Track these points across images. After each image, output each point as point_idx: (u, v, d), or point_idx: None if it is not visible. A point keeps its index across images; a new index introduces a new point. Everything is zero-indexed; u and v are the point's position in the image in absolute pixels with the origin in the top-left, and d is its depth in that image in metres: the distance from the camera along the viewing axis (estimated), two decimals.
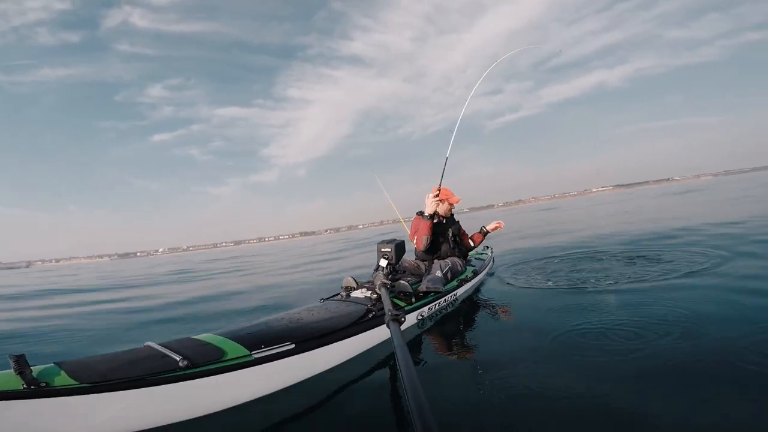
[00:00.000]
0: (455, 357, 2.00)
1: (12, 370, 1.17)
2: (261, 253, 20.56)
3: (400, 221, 4.61)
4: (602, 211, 14.42)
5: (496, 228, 3.58)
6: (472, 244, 3.53)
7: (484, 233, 3.57)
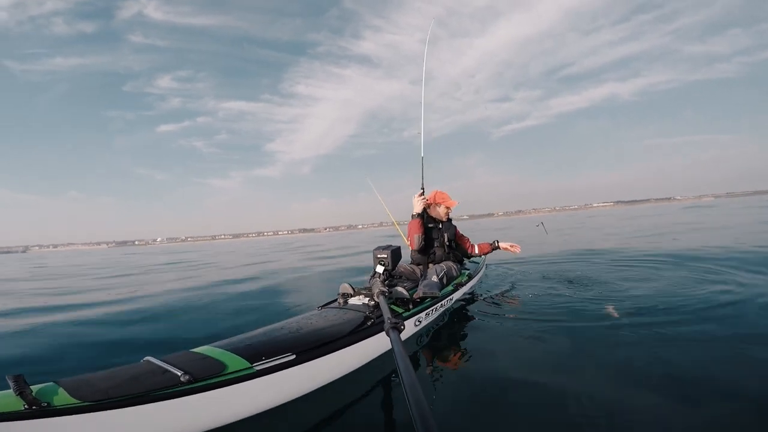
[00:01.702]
0: (455, 363, 2.00)
1: (11, 390, 1.14)
2: (231, 251, 19.46)
3: (394, 224, 4.61)
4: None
5: (510, 249, 3.38)
6: (476, 251, 3.44)
7: (494, 247, 3.41)
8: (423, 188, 3.23)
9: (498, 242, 3.43)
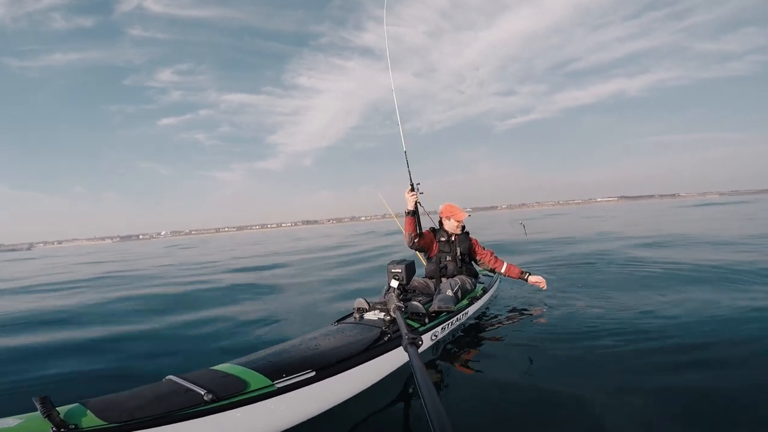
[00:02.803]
0: (472, 377, 2.03)
1: (39, 412, 1.16)
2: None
3: (395, 221, 4.57)
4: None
5: (536, 283, 3.20)
6: (503, 270, 3.22)
7: (523, 278, 3.19)
8: (411, 183, 3.06)
9: (529, 275, 3.19)
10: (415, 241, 3.04)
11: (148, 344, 3.01)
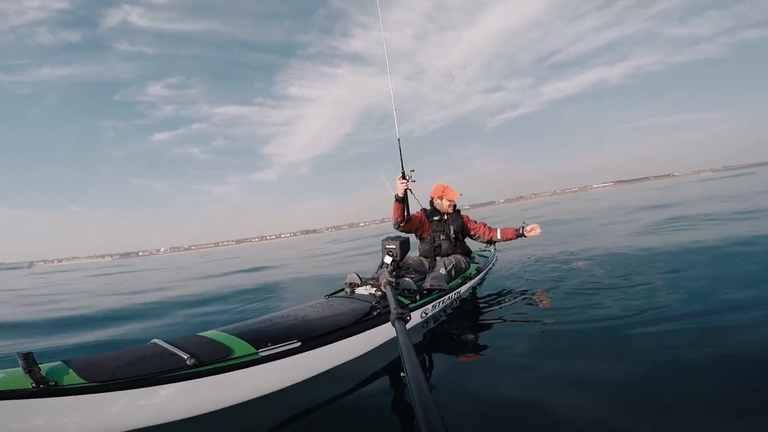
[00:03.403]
0: (460, 355, 2.00)
1: (20, 368, 1.17)
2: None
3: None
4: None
5: (532, 231, 3.18)
6: (498, 236, 3.27)
7: (520, 235, 3.22)
8: (403, 171, 3.04)
9: (524, 229, 3.18)
10: (401, 225, 3.05)
11: None
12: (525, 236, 3.24)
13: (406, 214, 3.08)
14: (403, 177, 3.05)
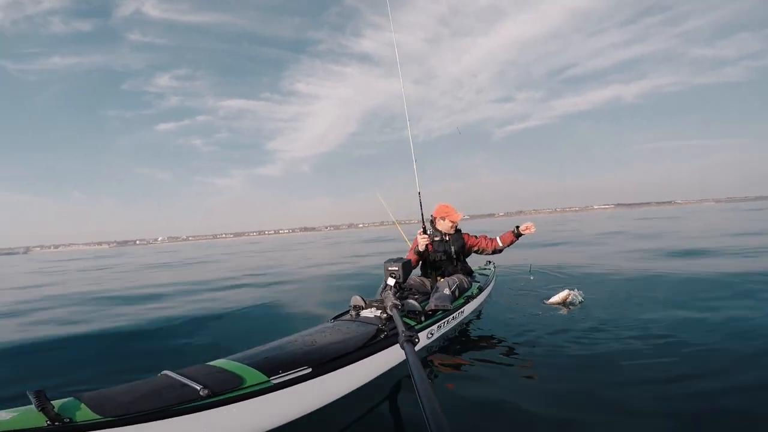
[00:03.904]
0: (469, 375, 2.03)
1: (33, 405, 1.16)
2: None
3: (396, 225, 4.58)
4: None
5: (527, 229, 3.15)
6: (499, 245, 3.25)
7: (517, 234, 3.19)
8: (424, 226, 3.13)
9: (518, 228, 3.16)
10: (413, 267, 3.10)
11: None
12: (522, 234, 3.22)
13: (420, 264, 3.15)
14: (424, 231, 3.10)
